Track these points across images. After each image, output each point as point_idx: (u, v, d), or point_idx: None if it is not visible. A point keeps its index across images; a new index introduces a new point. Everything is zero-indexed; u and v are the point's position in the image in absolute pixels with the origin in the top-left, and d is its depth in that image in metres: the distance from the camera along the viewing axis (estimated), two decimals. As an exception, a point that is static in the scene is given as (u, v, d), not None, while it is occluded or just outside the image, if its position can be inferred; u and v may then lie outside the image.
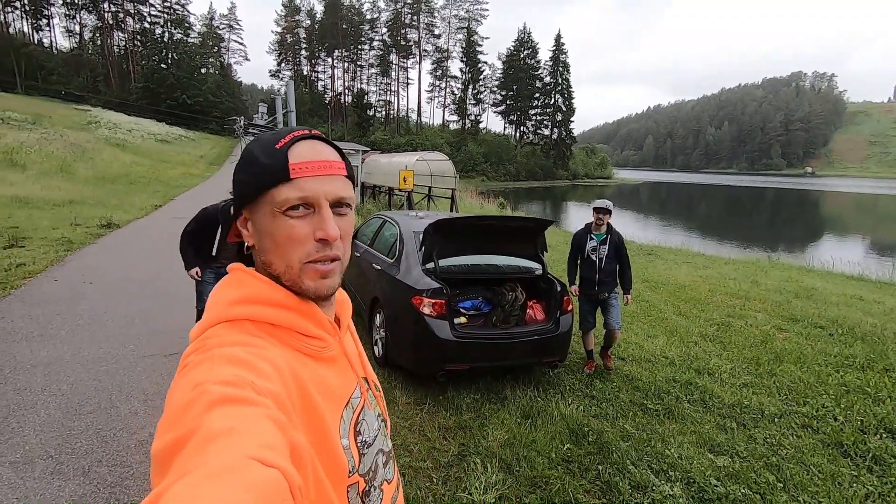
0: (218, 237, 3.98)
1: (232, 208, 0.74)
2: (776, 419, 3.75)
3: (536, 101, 76.81)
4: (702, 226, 28.27)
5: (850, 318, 6.32)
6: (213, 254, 4.04)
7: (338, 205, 0.68)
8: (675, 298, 7.22)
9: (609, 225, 4.42)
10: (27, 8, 62.94)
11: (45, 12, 64.94)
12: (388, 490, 0.79)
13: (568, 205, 41.00)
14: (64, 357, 4.11)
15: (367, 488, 0.72)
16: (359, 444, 0.72)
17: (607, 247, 4.37)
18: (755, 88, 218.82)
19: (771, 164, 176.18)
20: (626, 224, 24.28)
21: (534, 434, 3.39)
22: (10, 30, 61.60)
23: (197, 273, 4.06)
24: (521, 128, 78.33)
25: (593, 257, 4.41)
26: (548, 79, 76.10)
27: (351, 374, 0.76)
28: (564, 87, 75.08)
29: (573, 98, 75.46)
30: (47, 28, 66.70)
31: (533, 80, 75.88)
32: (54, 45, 67.85)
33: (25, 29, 64.59)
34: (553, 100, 75.51)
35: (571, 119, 75.81)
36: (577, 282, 4.68)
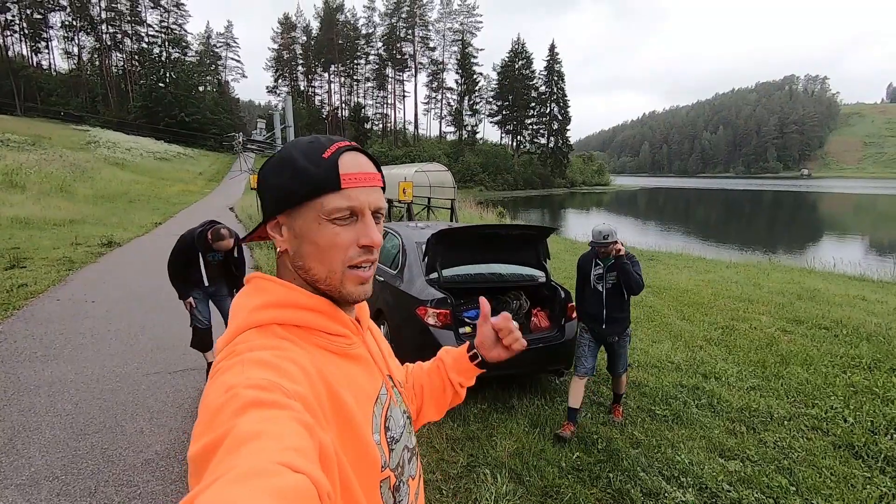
0: (202, 263, 4.01)
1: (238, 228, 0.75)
2: (785, 422, 3.73)
3: (532, 111, 77.36)
4: (701, 230, 28.33)
5: (854, 318, 6.31)
6: (206, 283, 4.07)
7: (376, 213, 0.73)
8: (678, 303, 7.21)
9: (619, 252, 3.46)
10: (26, 31, 63.63)
11: (44, 35, 65.63)
12: (412, 486, 0.81)
13: (567, 212, 41.08)
14: (68, 377, 4.10)
15: (397, 483, 0.74)
16: (388, 440, 0.74)
17: (615, 275, 3.51)
18: (749, 92, 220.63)
19: (767, 168, 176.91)
20: (626, 230, 24.31)
21: (543, 443, 3.37)
22: (10, 53, 62.21)
23: (191, 303, 4.05)
24: (518, 137, 78.78)
25: (598, 287, 3.57)
26: (543, 88, 76.74)
27: (376, 372, 0.78)
28: (559, 95, 75.72)
29: (569, 107, 76.05)
30: (46, 50, 67.39)
31: (528, 90, 76.49)
32: (53, 66, 68.52)
33: (24, 52, 65.28)
34: (549, 109, 76.08)
35: (567, 127, 76.32)
36: (579, 317, 3.94)
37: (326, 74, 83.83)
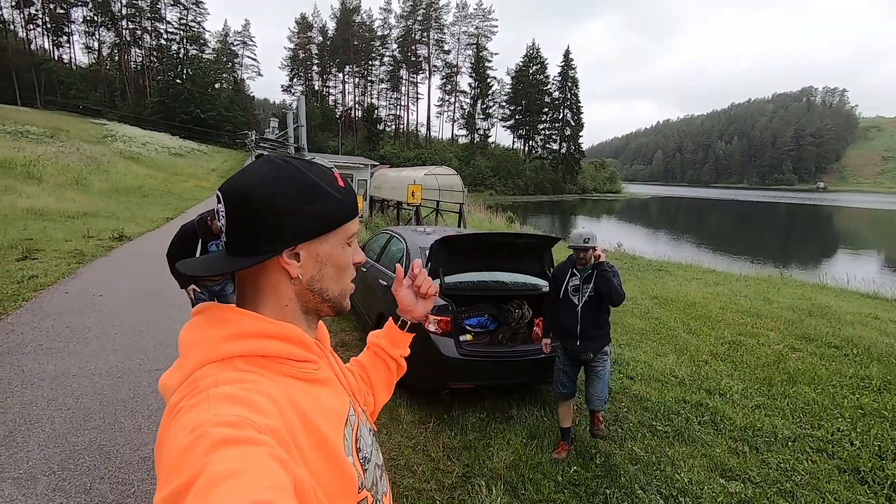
0: (199, 251, 3.90)
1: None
2: (790, 443, 3.65)
3: (545, 116, 77.29)
4: (712, 241, 28.03)
5: (865, 337, 6.18)
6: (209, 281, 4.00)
7: None
8: (686, 316, 7.12)
9: (598, 258, 3.23)
10: (48, 25, 64.86)
11: (66, 29, 66.85)
12: (386, 502, 0.81)
13: (577, 219, 40.87)
14: (71, 370, 4.13)
15: (374, 502, 0.73)
16: (361, 460, 0.73)
17: (591, 286, 3.22)
18: (765, 103, 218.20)
19: (782, 179, 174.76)
20: (636, 239, 24.13)
21: (540, 456, 3.33)
22: (32, 46, 63.41)
23: (193, 290, 4.01)
24: (530, 142, 78.73)
25: (574, 299, 3.29)
26: (557, 94, 76.69)
27: (343, 393, 0.78)
28: (573, 101, 75.56)
29: (582, 113, 75.90)
30: (67, 45, 68.63)
31: (542, 95, 76.46)
32: (73, 61, 69.73)
33: (46, 45, 66.51)
34: (562, 114, 75.95)
35: (580, 134, 76.16)
36: (553, 333, 3.58)
37: (341, 75, 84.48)
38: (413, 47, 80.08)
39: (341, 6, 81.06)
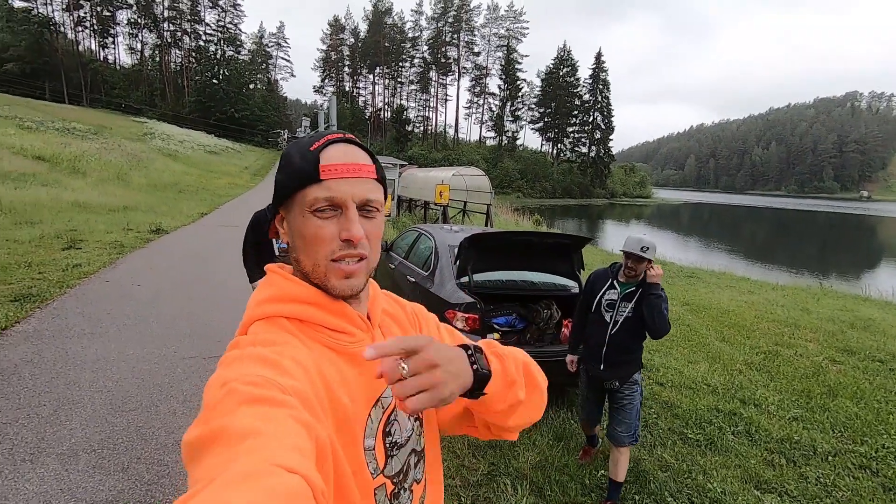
0: (275, 249, 3.79)
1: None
2: (830, 457, 3.50)
3: (575, 119, 76.36)
4: (747, 249, 27.16)
5: (913, 352, 5.88)
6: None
7: (365, 206, 0.70)
8: (718, 323, 6.91)
9: (650, 276, 2.70)
10: (95, 27, 67.81)
11: (111, 31, 69.74)
12: (417, 490, 0.78)
13: (605, 223, 40.25)
14: (111, 355, 4.29)
15: (395, 490, 0.72)
16: (387, 445, 0.72)
17: (632, 306, 2.73)
18: (806, 108, 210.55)
19: (823, 187, 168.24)
20: (666, 245, 23.58)
21: (566, 458, 3.28)
22: (80, 48, 66.37)
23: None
24: (559, 145, 77.94)
25: (605, 317, 2.81)
26: (587, 96, 75.66)
27: None
28: (604, 104, 74.43)
29: (612, 116, 74.66)
30: (112, 46, 71.56)
31: (572, 98, 75.59)
32: (118, 61, 72.62)
33: (93, 46, 69.48)
34: (592, 117, 74.91)
35: (610, 137, 74.92)
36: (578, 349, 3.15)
37: (371, 76, 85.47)
38: (443, 49, 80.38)
39: (373, 8, 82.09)
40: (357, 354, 0.71)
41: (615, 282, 2.84)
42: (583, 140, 76.31)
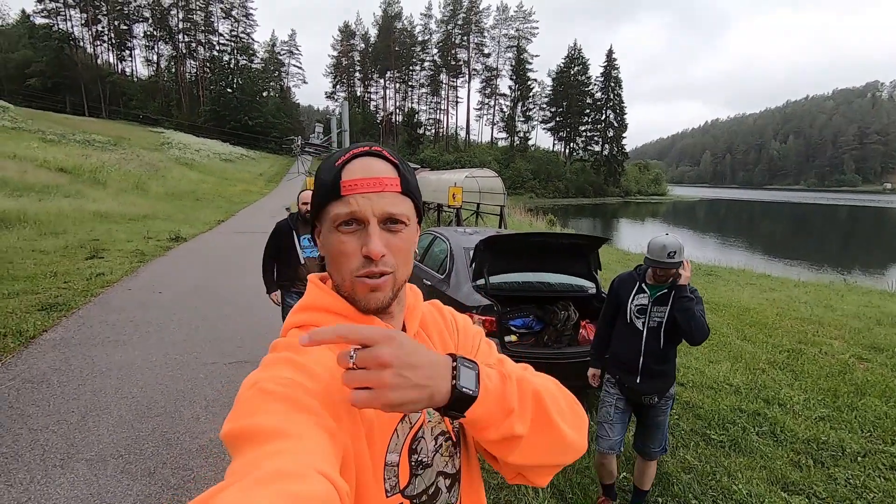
0: (298, 249, 3.82)
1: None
2: (859, 458, 3.41)
3: (587, 118, 75.83)
4: (767, 245, 26.63)
5: (943, 348, 5.71)
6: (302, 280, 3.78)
7: (388, 220, 0.68)
8: (739, 322, 6.79)
9: (679, 277, 2.46)
10: (113, 41, 69.47)
11: (128, 44, 71.38)
12: None
13: (620, 222, 39.86)
14: (135, 362, 4.39)
15: None
16: (412, 464, 0.70)
17: (666, 310, 2.50)
18: (825, 100, 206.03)
19: (844, 180, 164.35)
20: (683, 242, 23.19)
21: (588, 460, 3.25)
22: (98, 61, 68.01)
23: (276, 298, 4.05)
24: (571, 144, 77.46)
25: (637, 324, 2.57)
26: (599, 95, 75.09)
27: None
28: (616, 102, 73.81)
29: (625, 114, 73.98)
30: (129, 58, 73.24)
31: (583, 97, 75.08)
32: (135, 73, 74.28)
33: (111, 60, 71.15)
34: (604, 116, 74.32)
35: (623, 135, 74.23)
36: (604, 364, 2.83)
37: (382, 80, 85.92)
38: (453, 51, 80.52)
39: (383, 13, 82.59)
40: None
41: (643, 285, 2.58)
42: (595, 138, 75.73)
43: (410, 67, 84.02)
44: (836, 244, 29.26)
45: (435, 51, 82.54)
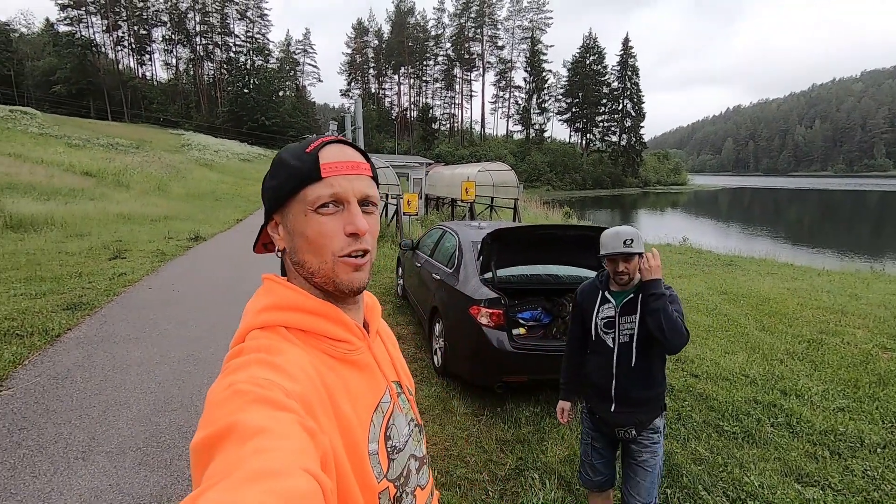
0: None
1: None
2: (878, 450, 3.33)
3: (603, 108, 74.85)
4: (792, 234, 25.94)
5: (974, 337, 5.50)
6: None
7: (364, 203, 0.72)
8: (758, 312, 6.66)
9: (646, 271, 2.02)
10: (133, 46, 71.02)
11: (148, 48, 72.87)
12: (421, 496, 0.79)
13: (638, 213, 39.26)
14: (154, 358, 4.52)
15: (398, 494, 0.72)
16: (388, 449, 0.72)
17: (637, 319, 2.06)
18: (853, 82, 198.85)
19: (874, 165, 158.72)
20: (703, 232, 22.82)
21: (596, 452, 3.24)
22: (120, 66, 69.60)
23: None
24: (588, 135, 76.53)
25: (607, 340, 2.14)
26: (615, 84, 74.04)
27: (380, 378, 0.76)
28: (633, 91, 72.62)
29: (643, 103, 72.78)
30: (149, 63, 74.78)
31: (599, 87, 74.08)
32: (155, 77, 75.82)
33: (132, 64, 72.73)
34: (621, 105, 73.21)
35: (641, 124, 73.07)
36: (575, 394, 2.40)
37: (396, 76, 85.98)
38: (466, 45, 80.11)
39: (396, 9, 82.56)
40: (357, 362, 0.73)
41: (607, 294, 2.16)
42: (613, 129, 74.73)
43: (424, 62, 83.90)
44: (865, 231, 28.32)
45: (448, 45, 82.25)
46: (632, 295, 2.09)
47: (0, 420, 3.33)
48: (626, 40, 72.11)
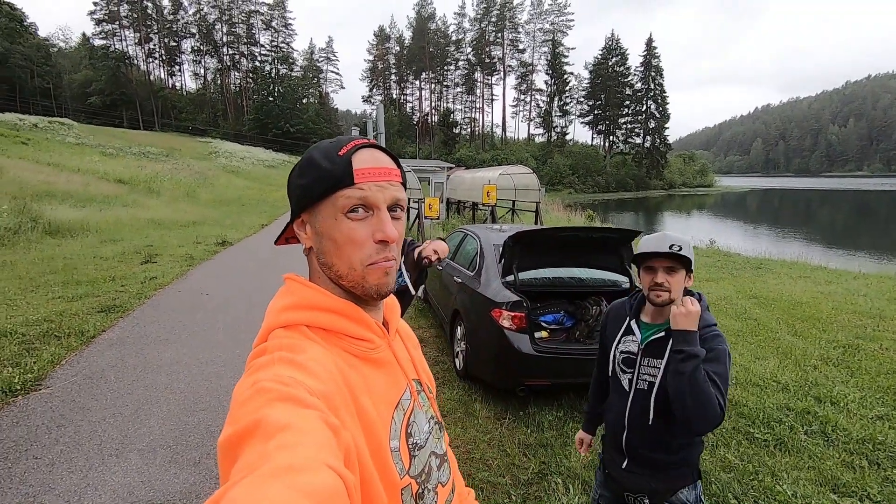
0: None
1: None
2: (921, 460, 3.18)
3: (626, 109, 73.83)
4: (826, 236, 25.05)
5: None
6: None
7: (393, 208, 0.72)
8: (790, 316, 6.45)
9: (689, 295, 1.59)
10: (164, 57, 73.49)
11: (177, 60, 75.28)
12: (442, 493, 0.79)
13: (663, 215, 38.52)
14: (183, 360, 4.64)
15: (420, 490, 0.73)
16: (410, 446, 0.73)
17: (663, 366, 1.56)
18: (889, 79, 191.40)
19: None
20: (731, 235, 22.23)
21: (621, 457, 3.19)
22: (151, 77, 72.07)
23: None
24: (611, 137, 75.59)
25: (623, 381, 1.70)
26: (639, 85, 72.97)
27: (401, 376, 0.77)
28: (657, 92, 71.47)
29: (667, 103, 71.49)
30: (178, 73, 77.22)
31: (622, 88, 73.16)
32: (184, 87, 78.26)
33: (162, 75, 75.26)
34: (645, 106, 72.12)
35: (666, 126, 71.82)
36: (598, 426, 2.01)
37: (417, 82, 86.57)
38: (487, 49, 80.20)
39: (416, 15, 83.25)
40: (378, 360, 0.74)
41: (633, 324, 1.70)
42: (636, 130, 73.62)
43: (445, 67, 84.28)
44: (904, 233, 27.15)
45: (469, 49, 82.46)
46: (662, 333, 1.61)
47: (40, 417, 3.47)
48: (650, 41, 71.08)
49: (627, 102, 73.52)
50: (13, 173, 16.99)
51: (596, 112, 75.35)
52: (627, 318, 1.72)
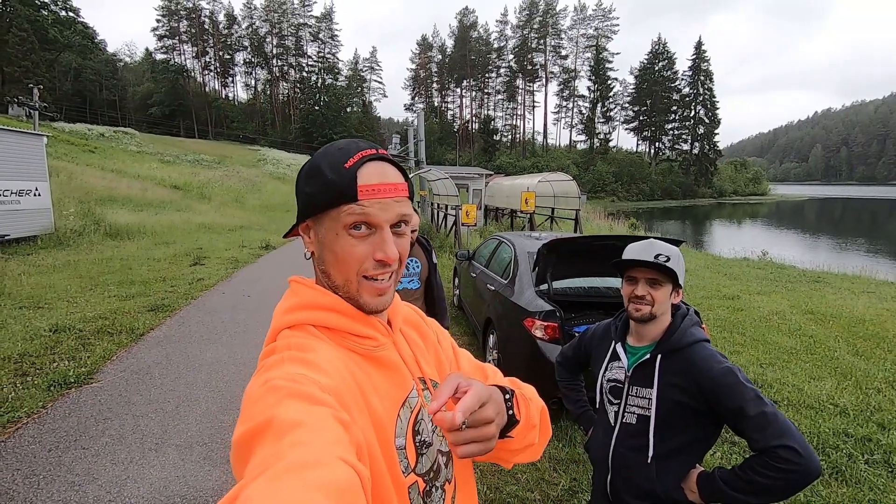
0: None
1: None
2: None
3: (673, 115, 71.55)
4: (893, 249, 23.28)
5: None
6: None
7: (397, 224, 0.71)
8: (850, 334, 6.00)
9: (676, 313, 1.46)
10: (218, 70, 77.43)
11: (231, 72, 79.08)
12: (449, 489, 0.79)
13: (712, 225, 36.93)
14: (223, 359, 4.80)
15: (427, 488, 0.73)
16: (417, 444, 0.73)
17: (654, 396, 1.38)
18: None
19: None
20: (787, 246, 21.02)
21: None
22: (206, 88, 76.00)
23: None
24: (657, 144, 73.39)
25: (609, 416, 1.53)
26: (687, 90, 70.56)
27: (406, 374, 0.77)
28: (707, 97, 68.92)
29: (717, 109, 68.77)
30: (231, 84, 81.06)
31: (669, 93, 70.99)
32: (236, 97, 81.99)
33: (216, 86, 79.23)
34: (693, 112, 69.66)
35: (716, 131, 69.05)
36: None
37: (459, 89, 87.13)
38: (529, 56, 79.81)
39: (459, 24, 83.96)
40: (382, 358, 0.74)
41: (618, 347, 1.53)
42: (684, 136, 71.18)
43: (486, 75, 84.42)
44: None
45: (511, 56, 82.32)
46: (647, 356, 1.42)
47: (89, 410, 3.66)
48: (699, 44, 68.72)
49: (675, 108, 71.26)
50: (81, 179, 18.25)
51: (641, 118, 73.41)
52: (613, 342, 1.57)
